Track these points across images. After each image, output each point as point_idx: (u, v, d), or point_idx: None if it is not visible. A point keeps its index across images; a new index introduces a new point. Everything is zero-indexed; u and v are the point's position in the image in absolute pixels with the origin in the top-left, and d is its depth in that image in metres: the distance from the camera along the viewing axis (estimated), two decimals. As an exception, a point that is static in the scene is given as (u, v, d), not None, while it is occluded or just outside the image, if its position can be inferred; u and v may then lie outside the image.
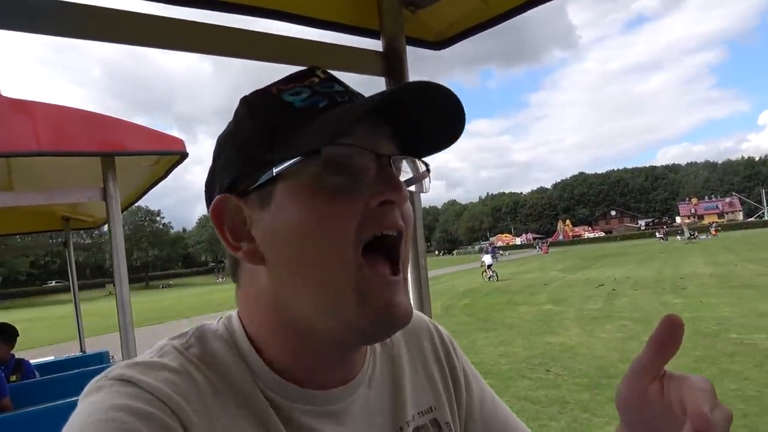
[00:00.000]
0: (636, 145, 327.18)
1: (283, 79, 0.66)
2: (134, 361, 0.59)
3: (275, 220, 0.60)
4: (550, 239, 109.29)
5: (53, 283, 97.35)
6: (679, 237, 61.95)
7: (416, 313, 0.86)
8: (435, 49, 1.59)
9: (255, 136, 0.62)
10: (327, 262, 0.58)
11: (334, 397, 0.66)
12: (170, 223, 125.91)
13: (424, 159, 0.69)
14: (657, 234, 63.64)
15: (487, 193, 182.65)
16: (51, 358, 5.24)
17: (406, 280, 0.63)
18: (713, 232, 61.50)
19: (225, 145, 0.66)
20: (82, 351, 5.15)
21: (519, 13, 1.41)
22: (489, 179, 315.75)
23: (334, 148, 0.57)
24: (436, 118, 0.65)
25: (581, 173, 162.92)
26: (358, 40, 1.45)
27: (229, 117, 0.68)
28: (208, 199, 0.67)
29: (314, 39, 1.32)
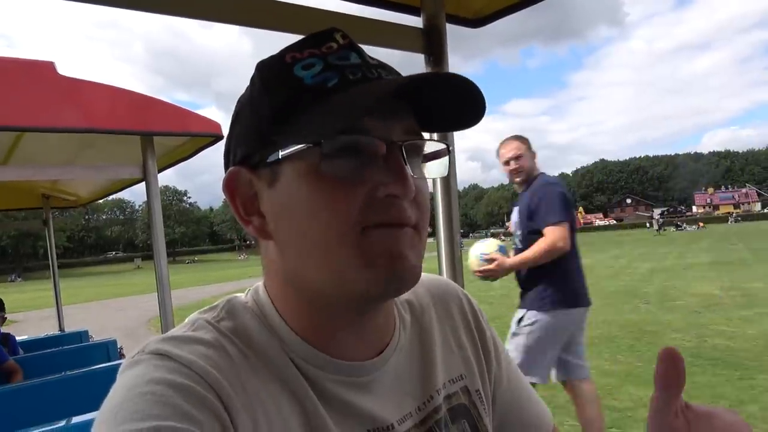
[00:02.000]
0: (682, 128, 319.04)
1: (299, 42, 0.62)
2: (169, 335, 0.59)
3: (281, 199, 0.59)
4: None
5: (113, 254, 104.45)
6: (687, 227, 63.66)
7: (446, 280, 0.86)
8: (473, 27, 1.53)
9: (265, 113, 0.60)
10: (330, 241, 0.56)
11: (366, 368, 0.65)
12: (196, 202, 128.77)
13: (445, 141, 0.65)
14: (648, 225, 63.63)
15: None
16: (26, 337, 5.17)
17: (419, 239, 0.60)
18: (700, 224, 65.50)
19: (241, 115, 0.64)
20: (61, 330, 5.10)
21: None
22: None
23: (335, 141, 0.55)
24: (452, 103, 0.62)
25: (602, 160, 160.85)
26: (397, 16, 1.40)
27: None
28: (226, 167, 0.66)
29: (353, 14, 1.28)
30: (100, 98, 2.52)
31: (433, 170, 0.66)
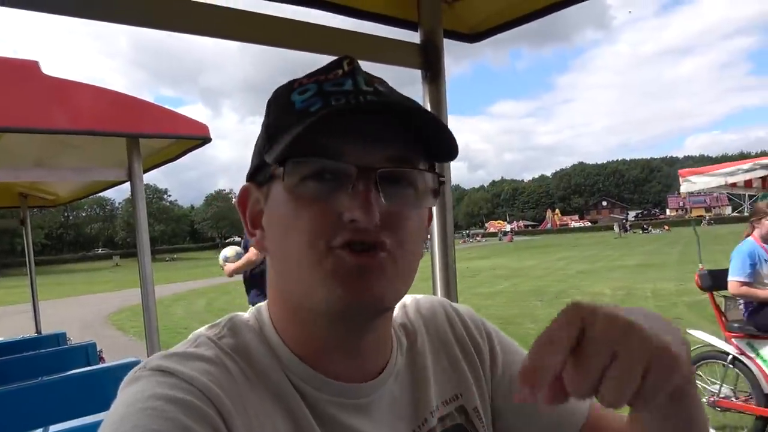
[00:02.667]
0: (665, 132, 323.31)
1: (316, 70, 0.65)
2: (170, 351, 0.59)
3: (269, 215, 0.63)
4: (539, 227, 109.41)
5: (97, 251, 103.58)
6: (653, 230, 66.26)
7: (432, 298, 0.85)
8: (469, 42, 1.53)
9: (264, 134, 0.64)
10: (300, 257, 0.58)
11: (362, 391, 0.66)
12: (176, 200, 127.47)
13: (436, 171, 0.66)
14: (615, 228, 64.84)
15: (502, 177, 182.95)
16: (1, 339, 5.02)
17: (392, 263, 0.59)
18: (666, 228, 68.22)
19: (259, 135, 0.66)
20: (37, 332, 4.96)
21: (557, 10, 1.34)
22: (512, 162, 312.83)
23: (297, 165, 0.57)
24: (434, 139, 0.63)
25: (580, 163, 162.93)
26: (393, 31, 1.39)
27: (254, 93, 0.68)
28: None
29: (351, 29, 1.26)
30: (85, 99, 2.48)
31: (428, 200, 0.65)
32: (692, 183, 5.14)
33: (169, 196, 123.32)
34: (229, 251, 4.89)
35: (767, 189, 4.97)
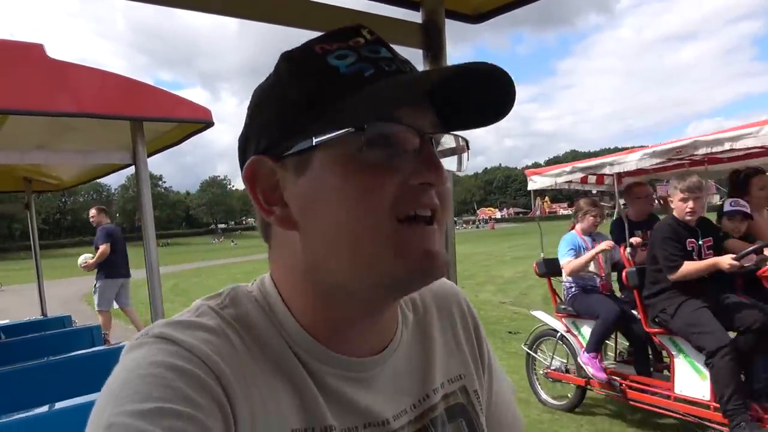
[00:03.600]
0: (668, 118, 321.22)
1: (324, 36, 0.61)
2: (173, 319, 0.59)
3: (311, 188, 0.58)
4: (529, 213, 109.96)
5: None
6: None
7: (448, 282, 0.85)
8: (472, 23, 1.52)
9: (297, 101, 0.58)
10: (363, 229, 0.56)
11: (366, 365, 0.65)
12: (171, 186, 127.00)
13: (462, 134, 0.66)
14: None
15: (500, 164, 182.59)
16: (7, 321, 5.03)
17: (441, 233, 0.60)
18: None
19: (263, 104, 0.62)
20: (43, 314, 4.97)
21: None
22: (513, 148, 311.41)
23: (378, 126, 0.55)
24: (485, 100, 0.62)
25: (573, 151, 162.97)
26: (394, 10, 1.38)
27: (252, 75, 0.65)
28: (242, 156, 0.65)
29: (350, 7, 1.26)
30: (90, 82, 2.47)
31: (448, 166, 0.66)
32: (534, 182, 5.90)
33: (164, 182, 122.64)
34: (85, 256, 7.59)
35: (622, 184, 5.55)
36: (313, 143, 0.56)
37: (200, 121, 2.82)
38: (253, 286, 0.67)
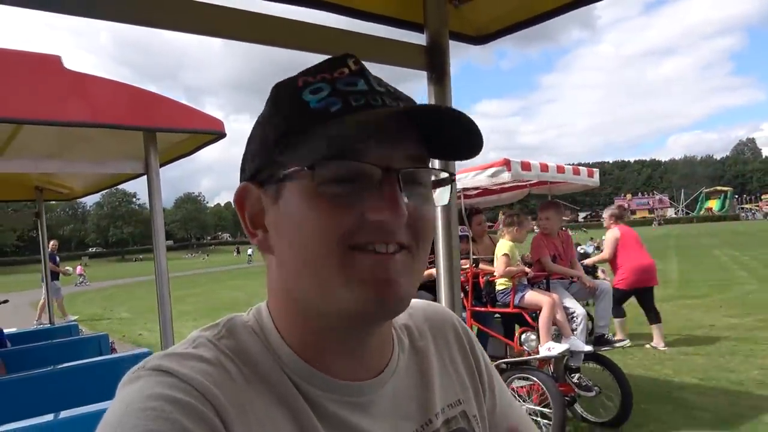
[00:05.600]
0: (648, 132, 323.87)
1: (315, 66, 0.62)
2: (169, 351, 0.58)
3: (281, 216, 0.60)
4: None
5: (91, 250, 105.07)
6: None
7: (441, 307, 0.86)
8: (475, 44, 1.51)
9: (273, 134, 0.60)
10: (316, 258, 0.57)
11: (364, 388, 0.64)
12: (145, 203, 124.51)
13: (448, 170, 0.66)
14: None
15: None
16: (14, 329, 4.91)
17: (412, 261, 0.59)
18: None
19: (254, 131, 0.65)
20: (51, 323, 4.87)
21: (564, 12, 1.33)
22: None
23: (329, 164, 0.55)
24: (454, 139, 0.63)
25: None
26: (399, 32, 1.37)
27: (238, 90, 0.69)
28: (241, 182, 0.67)
29: (356, 30, 1.25)
30: (105, 93, 2.49)
31: (436, 198, 0.66)
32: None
33: (138, 199, 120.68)
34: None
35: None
36: (281, 176, 0.59)
37: (213, 132, 2.84)
38: (250, 315, 0.67)
